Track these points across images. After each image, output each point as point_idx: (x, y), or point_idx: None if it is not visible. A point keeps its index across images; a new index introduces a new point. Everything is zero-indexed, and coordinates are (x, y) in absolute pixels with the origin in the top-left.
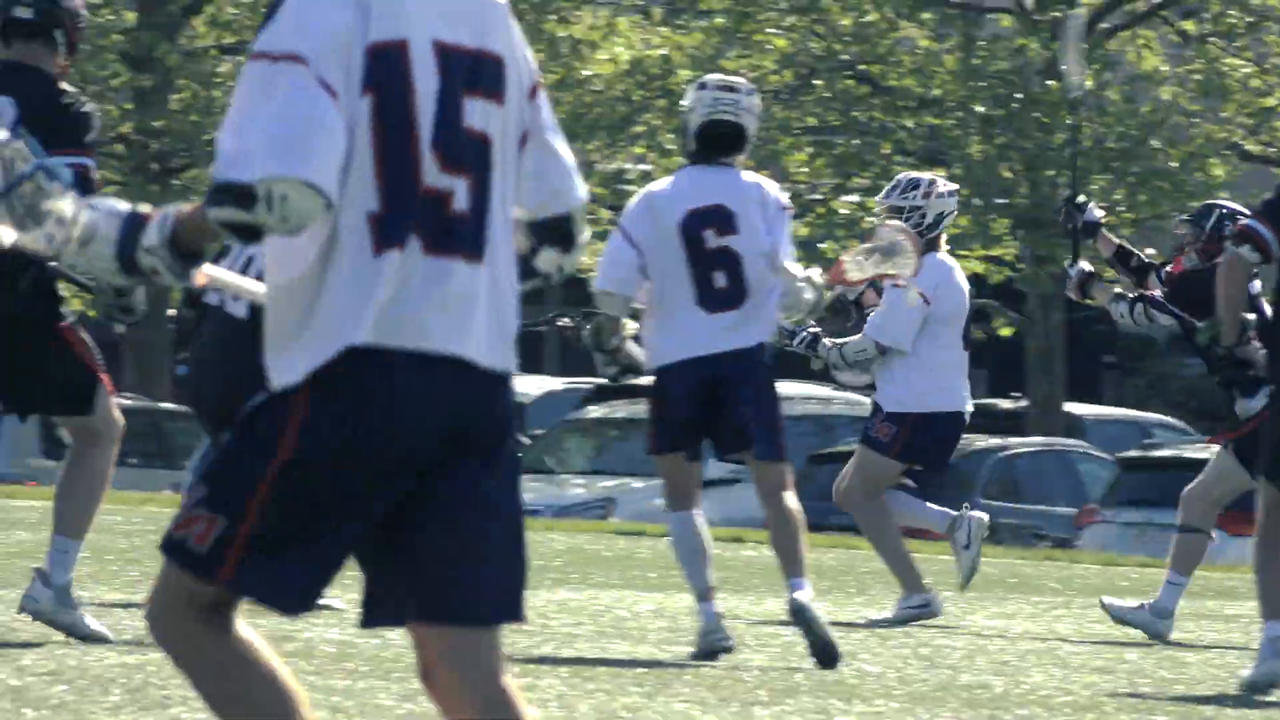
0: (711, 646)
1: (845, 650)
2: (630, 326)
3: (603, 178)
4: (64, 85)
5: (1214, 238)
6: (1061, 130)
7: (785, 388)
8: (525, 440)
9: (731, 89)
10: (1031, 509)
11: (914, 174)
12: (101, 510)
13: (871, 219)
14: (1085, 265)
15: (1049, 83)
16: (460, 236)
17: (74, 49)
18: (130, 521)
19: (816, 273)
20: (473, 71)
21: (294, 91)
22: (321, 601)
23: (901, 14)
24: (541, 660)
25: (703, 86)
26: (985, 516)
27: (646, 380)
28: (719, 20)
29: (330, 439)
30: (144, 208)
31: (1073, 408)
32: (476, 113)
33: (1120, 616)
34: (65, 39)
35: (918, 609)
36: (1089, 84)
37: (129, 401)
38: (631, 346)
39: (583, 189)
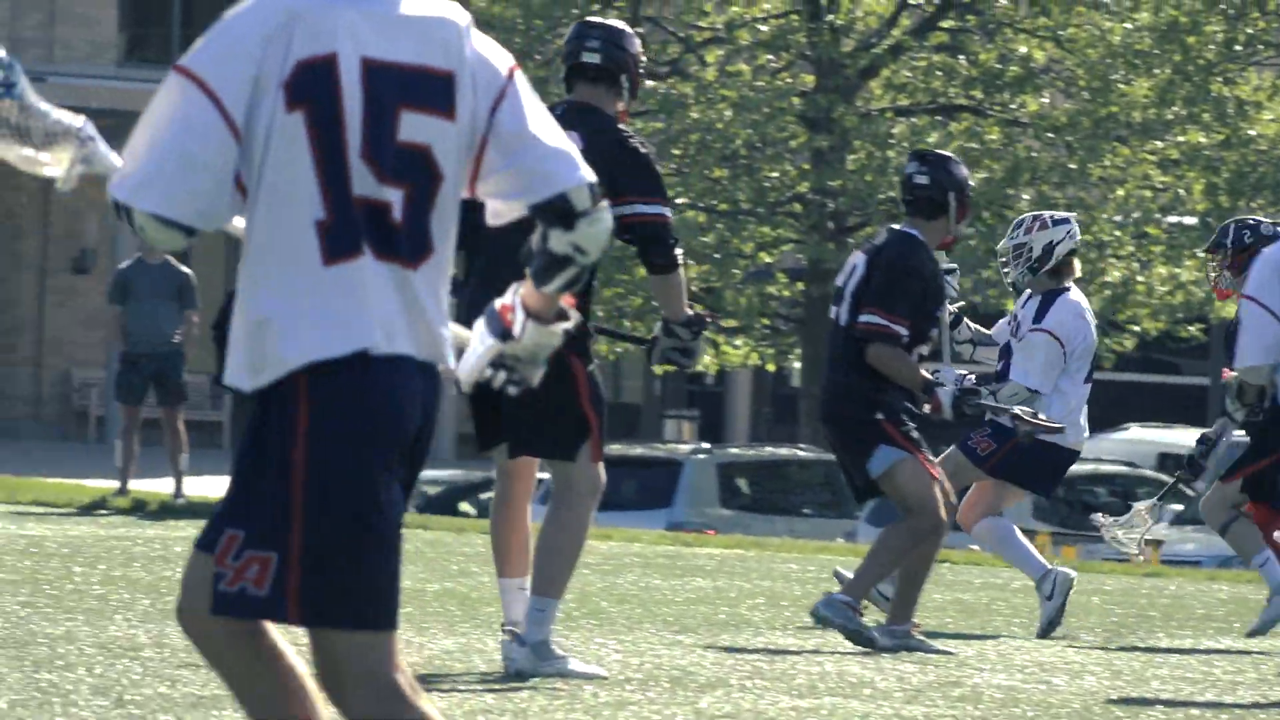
0: None
1: None
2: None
3: None
4: (625, 129)
5: (1238, 249)
6: None
7: None
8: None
9: None
10: None
11: (1029, 214)
12: (776, 557)
13: None
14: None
15: None
16: (399, 244)
17: (635, 94)
18: (805, 570)
19: None
20: (410, 87)
21: (189, 122)
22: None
23: None
24: (1205, 705)
25: None
26: (1073, 574)
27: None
28: None
29: (338, 439)
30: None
31: None
32: (414, 126)
33: (1261, 629)
34: (629, 84)
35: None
36: None
37: (803, 453)
38: None
39: (578, 172)
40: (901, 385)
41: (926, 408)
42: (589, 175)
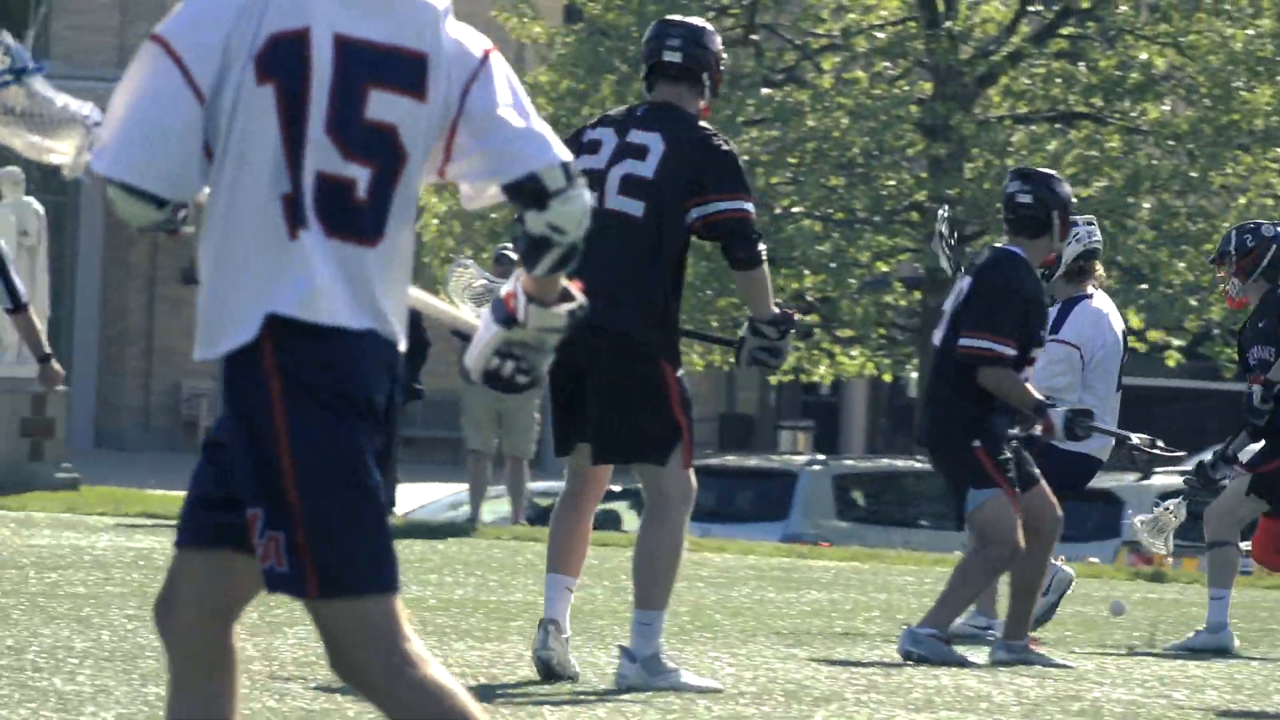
0: None
1: None
2: None
3: None
4: (707, 127)
5: (1242, 254)
6: None
7: None
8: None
9: None
10: None
11: None
12: (891, 569)
13: None
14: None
15: None
16: (362, 222)
17: (716, 92)
18: (921, 582)
19: None
20: (380, 66)
21: (155, 89)
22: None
23: None
24: None
25: None
26: (1072, 574)
27: None
28: None
29: (314, 412)
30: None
31: None
32: (383, 105)
33: (1187, 647)
34: (710, 82)
35: (983, 629)
36: None
37: (920, 464)
38: None
39: (549, 152)
40: (1012, 407)
41: (1038, 428)
42: (562, 155)
